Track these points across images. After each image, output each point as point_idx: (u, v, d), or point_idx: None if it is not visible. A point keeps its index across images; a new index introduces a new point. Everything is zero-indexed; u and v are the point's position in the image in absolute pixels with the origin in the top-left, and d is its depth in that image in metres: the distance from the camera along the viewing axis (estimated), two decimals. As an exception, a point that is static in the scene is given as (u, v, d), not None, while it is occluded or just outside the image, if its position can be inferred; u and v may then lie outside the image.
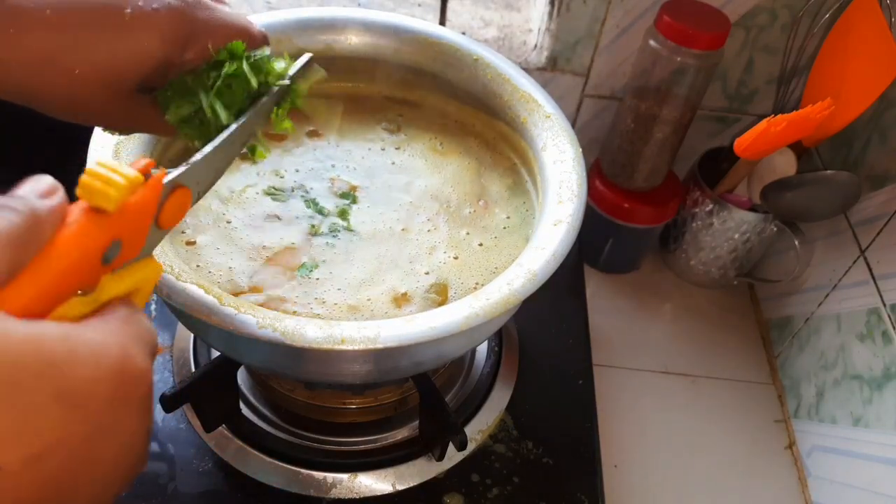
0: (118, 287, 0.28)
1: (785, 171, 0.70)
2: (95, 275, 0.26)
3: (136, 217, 0.27)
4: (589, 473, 0.59)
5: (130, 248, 0.28)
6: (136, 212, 0.27)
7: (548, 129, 0.53)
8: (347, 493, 0.54)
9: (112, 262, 0.26)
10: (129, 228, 0.27)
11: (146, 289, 0.30)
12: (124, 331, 0.25)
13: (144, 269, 0.30)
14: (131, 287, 0.29)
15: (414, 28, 0.58)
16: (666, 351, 0.78)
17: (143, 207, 0.27)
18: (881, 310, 0.61)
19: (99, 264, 0.25)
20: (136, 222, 0.27)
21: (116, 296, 0.28)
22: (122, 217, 0.26)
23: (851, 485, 0.61)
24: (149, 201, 0.28)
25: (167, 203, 0.30)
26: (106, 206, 0.25)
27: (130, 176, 0.26)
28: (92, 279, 0.26)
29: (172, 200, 0.30)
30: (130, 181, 0.26)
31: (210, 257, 0.47)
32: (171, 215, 0.30)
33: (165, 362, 0.62)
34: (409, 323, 0.40)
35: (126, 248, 0.27)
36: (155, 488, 0.54)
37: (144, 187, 0.27)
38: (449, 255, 0.50)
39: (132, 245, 0.28)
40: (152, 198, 0.28)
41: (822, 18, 0.67)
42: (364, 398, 0.58)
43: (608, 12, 0.71)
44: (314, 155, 0.56)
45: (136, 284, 0.29)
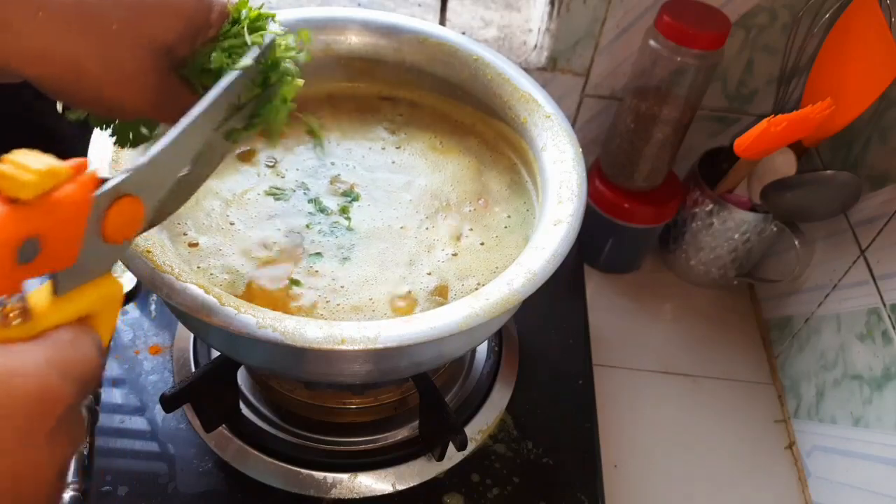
0: (65, 311, 0.26)
1: (785, 171, 0.70)
2: (10, 276, 0.23)
3: (61, 215, 0.24)
4: (589, 473, 0.59)
5: (58, 252, 0.25)
6: (62, 209, 0.24)
7: (548, 129, 0.53)
8: (347, 493, 0.55)
9: (31, 263, 0.24)
10: (52, 227, 0.24)
11: (106, 314, 0.28)
12: (47, 354, 0.23)
13: (96, 289, 0.27)
14: (83, 310, 0.27)
15: (414, 28, 0.58)
16: (666, 351, 0.78)
17: (70, 205, 0.25)
18: (881, 310, 0.61)
19: (13, 263, 0.23)
20: (63, 222, 0.25)
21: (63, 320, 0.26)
22: (42, 210, 0.24)
23: (851, 485, 0.61)
24: (78, 200, 0.25)
25: (111, 212, 0.27)
26: (20, 193, 0.23)
27: (52, 165, 0.24)
28: (6, 281, 0.23)
29: (118, 210, 0.27)
30: (51, 170, 0.24)
31: (212, 258, 0.47)
32: (118, 227, 0.28)
33: (165, 362, 0.62)
34: (409, 323, 0.40)
35: (51, 250, 0.24)
36: (155, 488, 0.54)
37: (74, 183, 0.25)
38: (447, 254, 0.50)
39: (60, 249, 0.25)
40: (82, 196, 0.25)
41: (822, 18, 0.67)
42: (364, 398, 0.58)
43: (608, 12, 0.71)
44: (315, 154, 0.56)
45: (86, 308, 0.27)
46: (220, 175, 0.53)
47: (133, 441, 0.57)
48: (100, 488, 0.53)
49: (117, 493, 0.53)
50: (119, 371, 0.61)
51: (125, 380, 0.61)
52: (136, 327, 0.64)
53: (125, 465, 0.55)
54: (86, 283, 0.27)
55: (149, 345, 0.63)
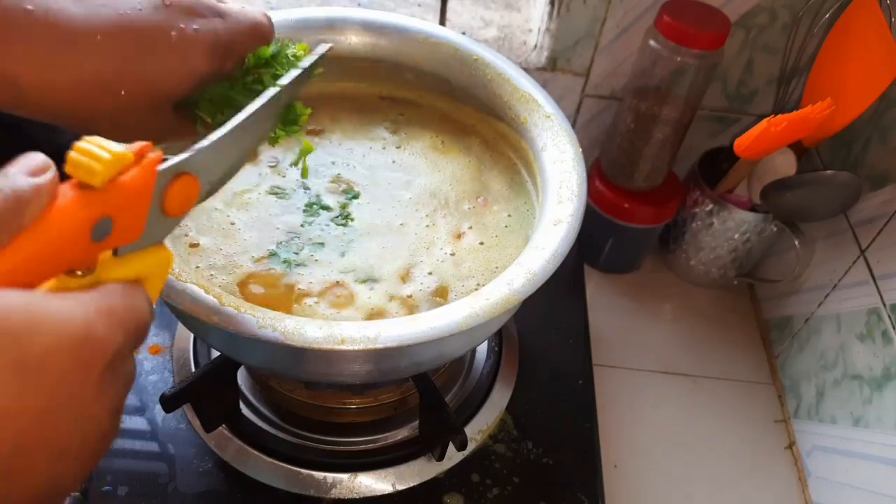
0: (119, 270, 0.28)
1: (785, 171, 0.70)
2: (86, 252, 0.25)
3: (129, 196, 0.26)
4: (589, 473, 0.59)
5: (126, 229, 0.27)
6: (129, 191, 0.26)
7: (548, 129, 0.53)
8: (347, 493, 0.55)
9: (105, 240, 0.26)
10: (121, 207, 0.26)
11: (156, 278, 0.30)
12: (98, 303, 0.24)
13: (152, 256, 0.29)
14: (136, 272, 0.29)
15: (414, 28, 0.58)
16: (666, 351, 0.78)
17: (136, 187, 0.27)
18: (881, 310, 0.61)
19: (88, 241, 0.25)
20: (130, 202, 0.27)
21: (118, 279, 0.27)
22: (112, 194, 0.26)
23: (851, 485, 0.61)
24: (143, 182, 0.27)
25: (171, 189, 0.29)
26: (91, 180, 0.25)
27: (117, 152, 0.25)
28: (83, 256, 0.25)
29: (177, 187, 0.30)
30: (117, 157, 0.25)
31: (212, 258, 0.47)
32: (177, 203, 0.30)
33: (165, 362, 0.62)
34: (409, 323, 0.40)
35: (120, 228, 0.26)
36: (155, 488, 0.54)
37: (139, 167, 0.27)
38: (446, 252, 0.50)
39: (128, 226, 0.27)
40: (147, 179, 0.27)
41: (822, 18, 0.67)
42: (364, 398, 0.58)
43: (608, 12, 0.71)
44: (315, 153, 0.56)
45: (141, 270, 0.29)
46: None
47: (133, 441, 0.57)
48: (100, 488, 0.53)
49: (117, 493, 0.53)
50: (119, 371, 0.61)
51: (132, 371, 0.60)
52: (136, 327, 0.64)
53: (125, 465, 0.55)
54: (143, 249, 0.29)
55: (149, 345, 0.63)
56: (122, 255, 0.28)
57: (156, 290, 0.30)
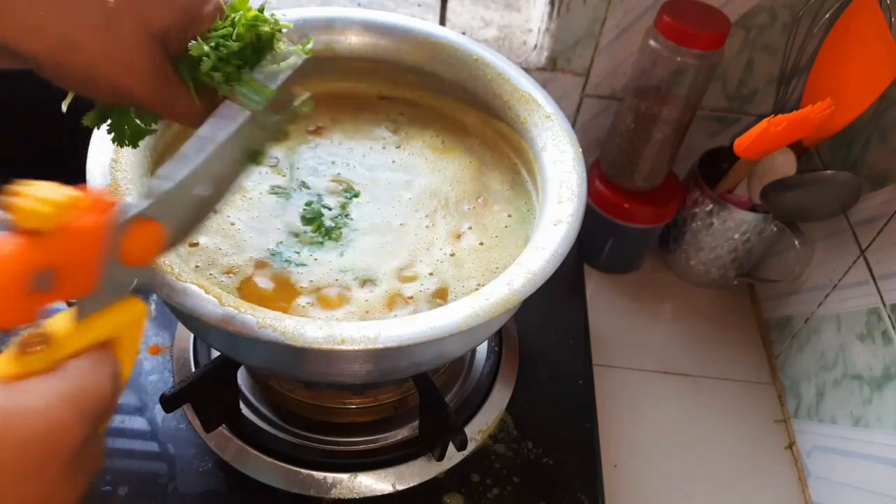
0: (80, 340, 0.25)
1: (785, 171, 0.70)
2: (21, 304, 0.23)
3: (77, 246, 0.24)
4: (589, 473, 0.59)
5: (76, 281, 0.25)
6: (77, 240, 0.24)
7: (548, 129, 0.53)
8: (347, 493, 0.55)
9: (48, 293, 0.23)
10: (68, 258, 0.24)
11: (129, 333, 0.28)
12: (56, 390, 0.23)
13: (120, 311, 0.27)
14: (100, 336, 0.26)
15: (414, 28, 0.58)
16: (666, 351, 0.78)
17: (85, 236, 0.24)
18: (881, 310, 0.61)
19: (24, 292, 0.23)
20: (79, 252, 0.24)
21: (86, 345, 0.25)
22: (57, 243, 0.23)
23: (851, 485, 0.61)
24: (92, 230, 0.24)
25: (128, 238, 0.27)
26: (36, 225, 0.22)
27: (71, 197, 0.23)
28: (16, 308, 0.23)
29: (136, 235, 0.27)
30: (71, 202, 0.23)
31: (212, 258, 0.47)
32: (138, 252, 0.27)
33: (165, 362, 0.62)
34: (409, 323, 0.40)
35: (68, 279, 0.24)
36: (155, 488, 0.54)
37: (92, 213, 0.24)
38: (446, 252, 0.50)
39: (78, 278, 0.25)
40: (96, 227, 0.25)
41: (822, 18, 0.67)
42: (364, 398, 0.58)
43: (608, 12, 0.71)
44: (316, 153, 0.56)
45: (110, 332, 0.26)
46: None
47: (133, 441, 0.57)
48: (100, 488, 0.53)
49: (117, 493, 0.53)
50: (119, 371, 0.61)
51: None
52: (136, 327, 0.64)
53: (125, 465, 0.55)
54: (108, 306, 0.27)
55: (149, 345, 0.63)
56: (88, 318, 0.26)
57: (130, 347, 0.28)
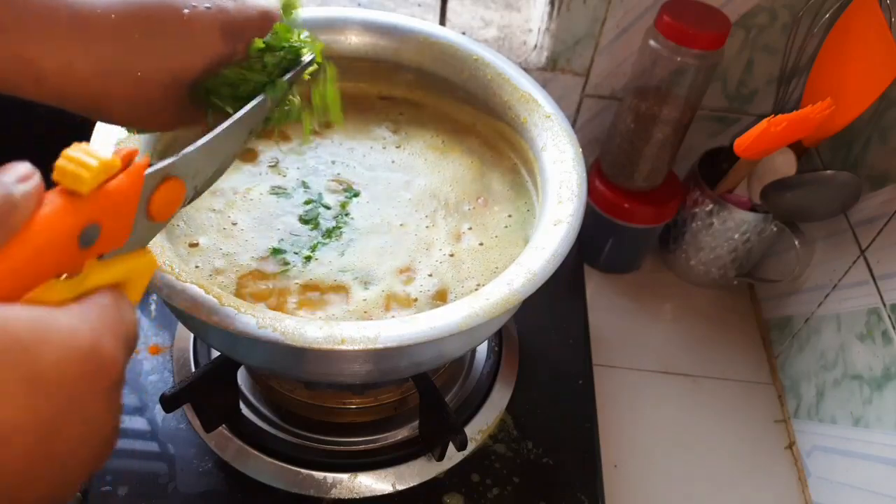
0: (104, 275, 0.28)
1: (785, 171, 0.70)
2: (74, 258, 0.25)
3: (116, 202, 0.27)
4: (589, 473, 0.59)
5: (113, 234, 0.27)
6: (116, 197, 0.27)
7: (548, 129, 0.53)
8: (347, 493, 0.55)
9: (92, 246, 0.26)
10: (108, 213, 0.26)
11: (139, 281, 0.30)
12: (99, 318, 0.25)
13: (136, 260, 0.29)
14: (120, 276, 0.29)
15: (414, 28, 0.58)
16: (666, 351, 0.78)
17: (123, 193, 0.27)
18: (881, 310, 0.61)
19: (76, 247, 0.25)
20: (117, 208, 0.27)
21: (103, 283, 0.27)
22: (99, 201, 0.26)
23: (851, 485, 0.61)
24: (129, 188, 0.27)
25: (157, 194, 0.30)
26: (78, 188, 0.25)
27: (105, 159, 0.26)
28: (71, 262, 0.25)
29: (162, 191, 0.30)
30: (104, 164, 0.26)
31: (213, 258, 0.47)
32: (162, 207, 0.30)
33: (165, 362, 0.62)
34: (409, 323, 0.40)
35: (107, 233, 0.27)
36: (155, 488, 0.54)
37: (126, 173, 0.27)
38: (445, 253, 0.50)
39: (115, 232, 0.27)
40: (134, 185, 0.28)
41: (822, 18, 0.67)
42: (364, 398, 0.58)
43: (608, 12, 0.71)
44: (316, 153, 0.56)
45: (125, 274, 0.29)
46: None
47: (133, 441, 0.57)
48: (100, 488, 0.53)
49: (117, 493, 0.53)
50: (119, 371, 0.61)
51: (125, 380, 0.61)
52: (136, 327, 0.64)
53: (125, 465, 0.55)
54: (127, 254, 0.29)
55: (149, 345, 0.63)
56: (106, 260, 0.28)
57: (137, 293, 0.30)
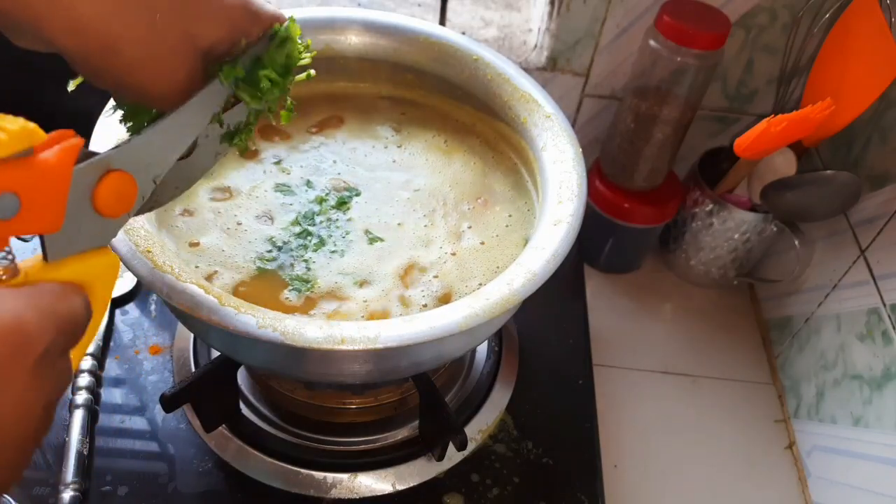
0: (52, 275, 0.27)
1: (785, 171, 0.70)
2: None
3: (39, 176, 0.25)
4: (589, 473, 0.59)
5: (39, 213, 0.26)
6: (39, 169, 0.25)
7: (548, 129, 0.53)
8: (347, 493, 0.55)
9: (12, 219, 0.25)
10: (29, 186, 0.25)
11: (100, 285, 0.29)
12: (27, 296, 0.25)
13: (92, 260, 0.29)
14: (73, 277, 0.28)
15: (414, 28, 0.58)
16: (666, 351, 0.78)
17: (49, 168, 0.26)
18: (881, 310, 0.61)
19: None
20: (42, 183, 0.26)
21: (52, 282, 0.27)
22: (17, 169, 0.25)
23: (851, 485, 0.61)
24: (57, 164, 0.26)
25: (101, 186, 0.29)
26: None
27: (26, 126, 0.25)
28: None
29: (107, 184, 0.29)
30: (25, 130, 0.25)
31: (213, 258, 0.47)
32: (111, 201, 0.29)
33: (165, 362, 0.62)
34: (409, 323, 0.40)
35: (30, 210, 0.25)
36: (155, 488, 0.54)
37: (57, 149, 0.26)
38: (447, 252, 0.50)
39: (41, 211, 0.26)
40: (62, 162, 0.26)
41: (822, 18, 0.67)
42: (364, 398, 0.58)
43: (608, 12, 0.71)
44: (318, 152, 0.56)
45: (80, 276, 0.28)
46: (224, 173, 0.53)
47: (133, 441, 0.57)
48: (100, 488, 0.53)
49: (117, 493, 0.53)
50: (119, 371, 0.61)
51: (125, 380, 0.61)
52: (136, 327, 0.65)
53: (125, 465, 0.55)
54: (79, 253, 0.28)
55: (149, 345, 0.63)
56: (54, 260, 0.27)
57: (101, 296, 0.30)
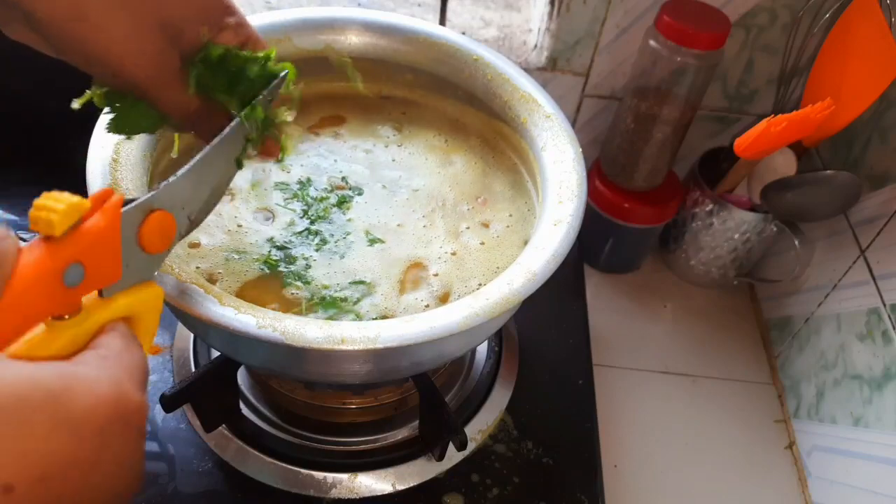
0: (107, 311, 0.29)
1: (785, 171, 0.70)
2: (63, 298, 0.27)
3: (94, 241, 0.28)
4: (589, 473, 0.59)
5: (102, 271, 0.29)
6: (93, 235, 0.28)
7: (548, 129, 0.53)
8: (347, 493, 0.55)
9: (81, 285, 0.27)
10: (89, 252, 0.27)
11: (148, 315, 0.32)
12: (117, 364, 0.26)
13: (140, 292, 0.31)
14: (124, 311, 0.30)
15: (414, 28, 0.58)
16: (666, 351, 0.78)
17: (100, 231, 0.28)
18: (881, 310, 0.61)
19: (61, 287, 0.26)
20: (98, 246, 0.28)
21: (106, 320, 0.29)
22: (76, 241, 0.27)
23: (851, 485, 0.61)
24: (107, 225, 0.28)
25: (145, 227, 0.31)
26: (50, 231, 0.26)
27: (72, 201, 0.27)
28: (61, 303, 0.27)
29: (150, 224, 0.31)
30: (72, 205, 0.27)
31: (213, 258, 0.47)
32: (155, 239, 0.32)
33: (165, 362, 0.62)
34: (408, 323, 0.40)
35: (94, 271, 0.28)
36: (155, 488, 0.54)
37: (101, 212, 0.28)
38: (446, 251, 0.50)
39: (103, 268, 0.29)
40: (110, 222, 0.29)
41: (822, 18, 0.67)
42: (364, 398, 0.58)
43: (608, 12, 0.71)
44: (319, 151, 0.56)
45: (130, 309, 0.30)
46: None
47: (133, 441, 0.57)
48: (100, 488, 0.53)
49: (117, 493, 0.53)
50: (119, 371, 0.61)
51: None
52: (136, 327, 0.64)
53: (125, 465, 0.55)
54: (129, 288, 0.31)
55: (149, 345, 0.63)
56: (108, 297, 0.29)
57: (150, 326, 0.32)
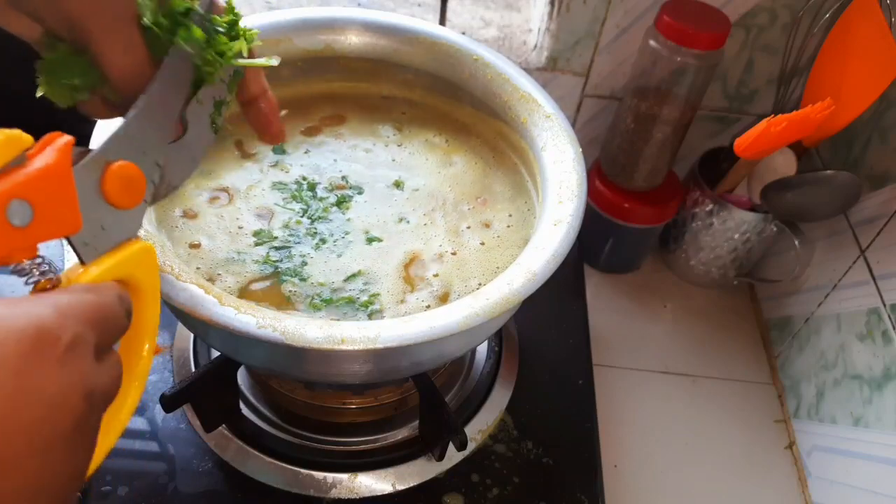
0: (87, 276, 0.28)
1: (785, 171, 0.70)
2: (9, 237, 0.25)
3: (42, 179, 0.26)
4: (589, 473, 0.59)
5: (54, 215, 0.27)
6: (41, 172, 0.26)
7: (548, 129, 0.53)
8: (347, 493, 0.55)
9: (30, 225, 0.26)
10: (36, 190, 0.26)
11: (143, 276, 0.30)
12: (49, 299, 0.25)
13: (126, 253, 0.30)
14: (112, 275, 0.29)
15: (414, 28, 0.58)
16: (666, 351, 0.78)
17: (49, 169, 0.27)
18: (881, 310, 0.61)
19: (6, 224, 0.25)
20: (47, 185, 0.27)
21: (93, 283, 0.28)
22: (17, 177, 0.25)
23: (851, 485, 0.61)
24: (56, 164, 0.27)
25: (107, 178, 0.30)
26: None
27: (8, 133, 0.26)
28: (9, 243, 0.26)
29: (111, 176, 0.30)
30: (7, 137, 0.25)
31: (213, 258, 0.47)
32: (122, 192, 0.30)
33: (165, 362, 0.62)
34: (408, 323, 0.40)
35: (44, 213, 0.26)
36: (155, 488, 0.54)
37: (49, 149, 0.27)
38: (446, 251, 0.50)
39: (55, 212, 0.27)
40: (60, 161, 0.27)
41: (822, 18, 0.67)
42: (364, 398, 0.58)
43: (608, 12, 0.71)
44: (319, 151, 0.56)
45: (117, 271, 0.29)
46: (222, 172, 0.53)
47: (133, 441, 0.57)
48: (100, 488, 0.53)
49: (117, 493, 0.53)
50: (119, 371, 0.61)
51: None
52: (136, 327, 0.64)
53: (125, 465, 0.55)
54: (111, 251, 0.29)
55: (149, 345, 0.63)
56: (90, 262, 0.28)
57: (147, 282, 0.30)
